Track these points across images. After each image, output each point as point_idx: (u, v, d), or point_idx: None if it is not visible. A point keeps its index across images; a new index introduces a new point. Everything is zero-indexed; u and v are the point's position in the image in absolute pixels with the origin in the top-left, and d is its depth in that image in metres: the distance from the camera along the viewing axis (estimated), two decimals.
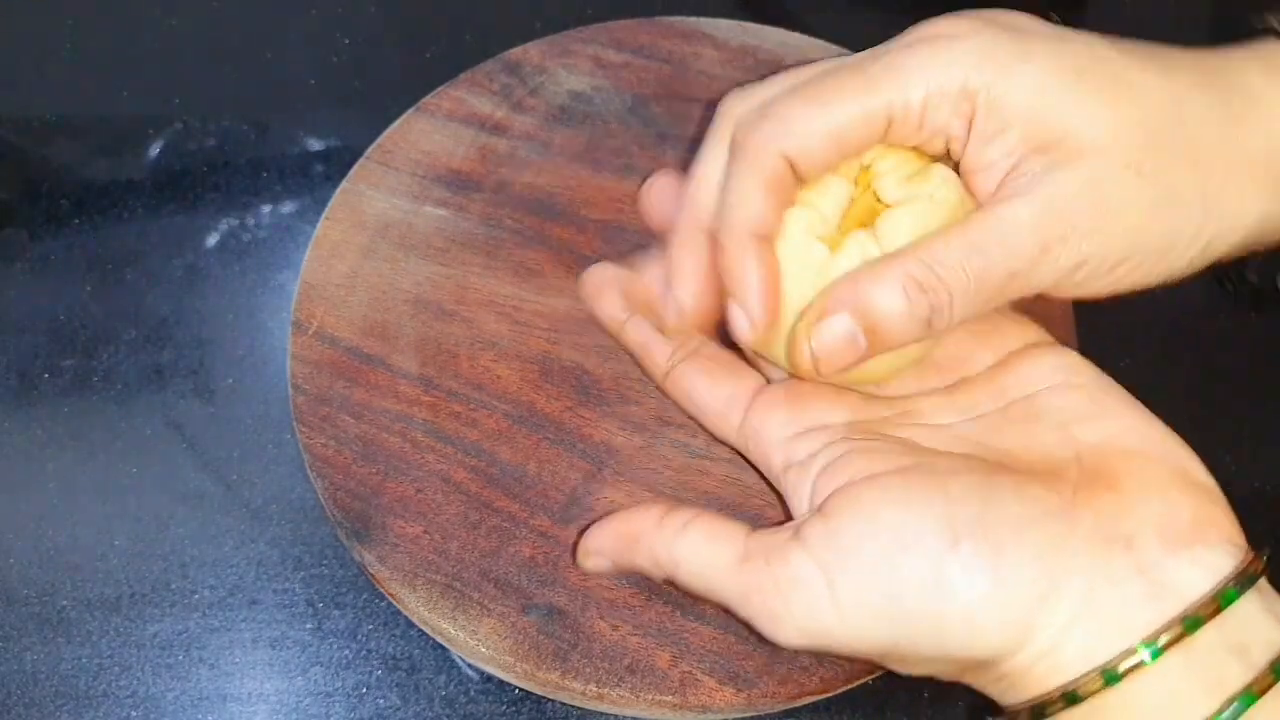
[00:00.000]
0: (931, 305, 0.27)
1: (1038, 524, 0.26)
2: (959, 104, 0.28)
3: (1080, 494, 0.26)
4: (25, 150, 0.48)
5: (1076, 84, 0.27)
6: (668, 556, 0.29)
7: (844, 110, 0.28)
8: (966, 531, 0.26)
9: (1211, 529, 0.26)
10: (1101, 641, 0.25)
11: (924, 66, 0.28)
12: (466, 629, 0.33)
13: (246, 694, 0.36)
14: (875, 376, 0.31)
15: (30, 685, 0.36)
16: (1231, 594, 0.25)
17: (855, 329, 0.28)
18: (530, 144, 0.42)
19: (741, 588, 0.28)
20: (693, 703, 0.32)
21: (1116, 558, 0.25)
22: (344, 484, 0.35)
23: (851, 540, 0.26)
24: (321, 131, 0.48)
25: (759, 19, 0.46)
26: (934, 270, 0.27)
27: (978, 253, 0.27)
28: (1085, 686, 0.25)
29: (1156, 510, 0.26)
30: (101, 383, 0.41)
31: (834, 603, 0.26)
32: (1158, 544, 0.25)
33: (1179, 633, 0.24)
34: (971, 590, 0.25)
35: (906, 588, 0.26)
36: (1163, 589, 0.25)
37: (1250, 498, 0.41)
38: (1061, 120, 0.27)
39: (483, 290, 0.39)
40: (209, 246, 0.45)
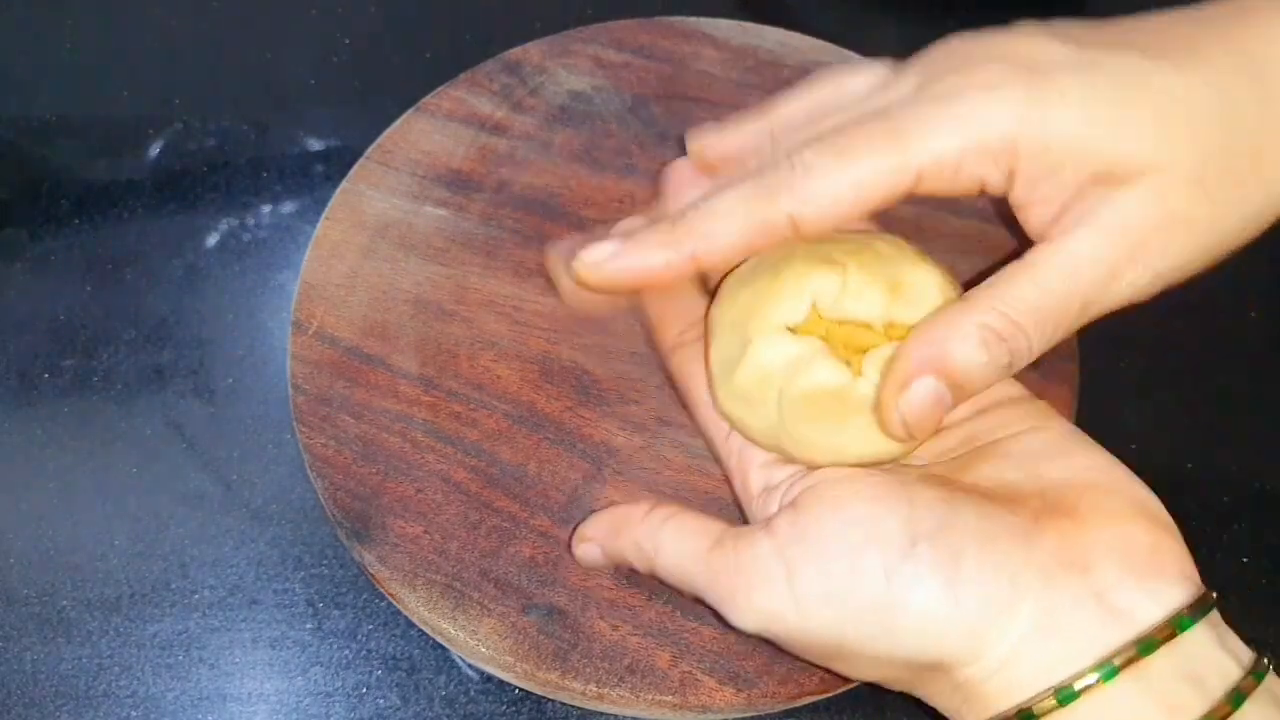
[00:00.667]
0: (1011, 350, 0.27)
1: (998, 539, 0.26)
2: (999, 156, 0.27)
3: (1042, 519, 0.27)
4: (25, 150, 0.48)
5: (1119, 111, 0.27)
6: (650, 544, 0.30)
7: (873, 167, 0.27)
8: (926, 535, 0.26)
9: (1168, 562, 0.26)
10: (1057, 661, 0.25)
11: (959, 120, 0.27)
12: (466, 629, 0.33)
13: (246, 694, 0.36)
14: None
15: (30, 685, 0.36)
16: (1186, 621, 0.25)
17: (941, 389, 0.27)
18: (530, 144, 0.42)
19: (709, 572, 0.29)
20: (693, 703, 0.32)
21: (1074, 580, 0.26)
22: (344, 484, 0.35)
23: (814, 532, 0.27)
24: (321, 131, 0.48)
25: (759, 19, 0.46)
26: (1009, 317, 0.27)
27: (1048, 292, 0.27)
28: (1040, 705, 0.25)
29: (1115, 540, 0.26)
30: (101, 383, 0.41)
31: (790, 592, 0.27)
32: (1115, 571, 0.26)
33: (1133, 655, 0.25)
34: (925, 592, 0.26)
35: (861, 583, 0.26)
36: (1118, 614, 0.25)
37: (1251, 497, 0.41)
38: (1112, 150, 0.27)
39: (483, 290, 0.39)
40: (209, 246, 0.45)
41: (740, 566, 0.28)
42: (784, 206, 0.28)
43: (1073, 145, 0.27)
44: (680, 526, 0.30)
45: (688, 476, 0.36)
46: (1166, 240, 0.27)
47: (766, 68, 0.44)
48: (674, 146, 0.42)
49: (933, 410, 0.27)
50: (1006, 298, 0.27)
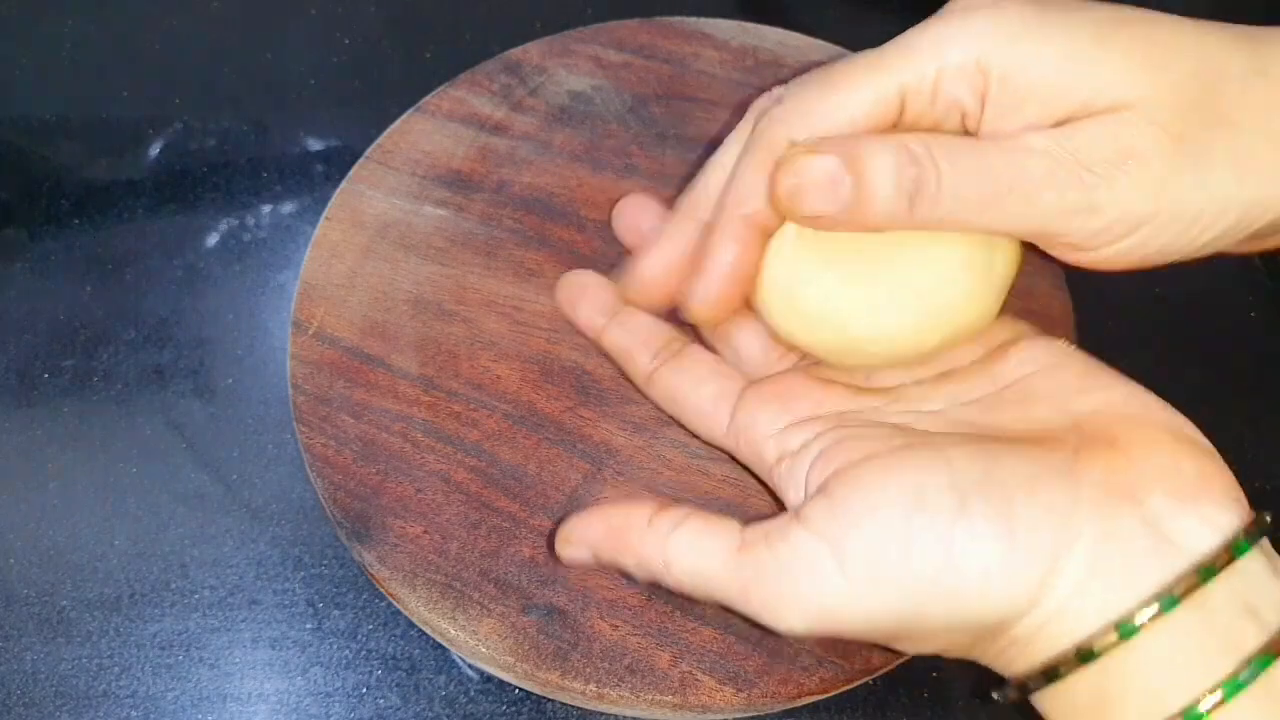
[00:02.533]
0: (917, 180, 0.27)
1: (1044, 480, 0.25)
2: (973, 79, 0.27)
3: (1083, 453, 0.26)
4: (25, 150, 0.48)
5: (1098, 48, 0.26)
6: (659, 558, 0.28)
7: (856, 92, 0.28)
8: (975, 492, 0.25)
9: (1215, 484, 0.26)
10: (1114, 598, 0.24)
11: (936, 42, 0.27)
12: (466, 629, 0.33)
13: (246, 694, 0.36)
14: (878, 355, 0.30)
15: (30, 685, 0.36)
16: (1243, 545, 0.24)
17: (841, 173, 0.27)
18: (530, 144, 0.42)
19: (740, 577, 0.27)
20: (693, 703, 0.32)
21: (1124, 512, 0.25)
22: (344, 484, 0.35)
23: (858, 511, 0.26)
24: (321, 131, 0.48)
25: (759, 19, 0.46)
26: (930, 151, 0.27)
27: (979, 155, 0.27)
28: (1100, 641, 0.24)
29: (1161, 467, 0.26)
30: (101, 383, 0.41)
31: (843, 576, 0.25)
32: (1164, 499, 0.25)
33: (1193, 582, 0.24)
34: (984, 548, 0.25)
35: (918, 552, 0.25)
36: (1171, 544, 0.25)
37: (1253, 498, 0.41)
38: (1083, 86, 0.26)
39: (483, 290, 0.39)
40: (209, 246, 0.45)
41: (781, 564, 0.26)
42: (781, 135, 0.28)
43: (1039, 76, 0.27)
44: (692, 533, 0.28)
45: (688, 476, 0.36)
46: (1115, 172, 0.26)
47: (766, 68, 0.44)
48: (674, 146, 0.42)
49: (824, 190, 0.27)
50: (940, 140, 0.27)
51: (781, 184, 0.28)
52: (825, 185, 0.27)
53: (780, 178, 0.28)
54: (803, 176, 0.27)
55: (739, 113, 0.32)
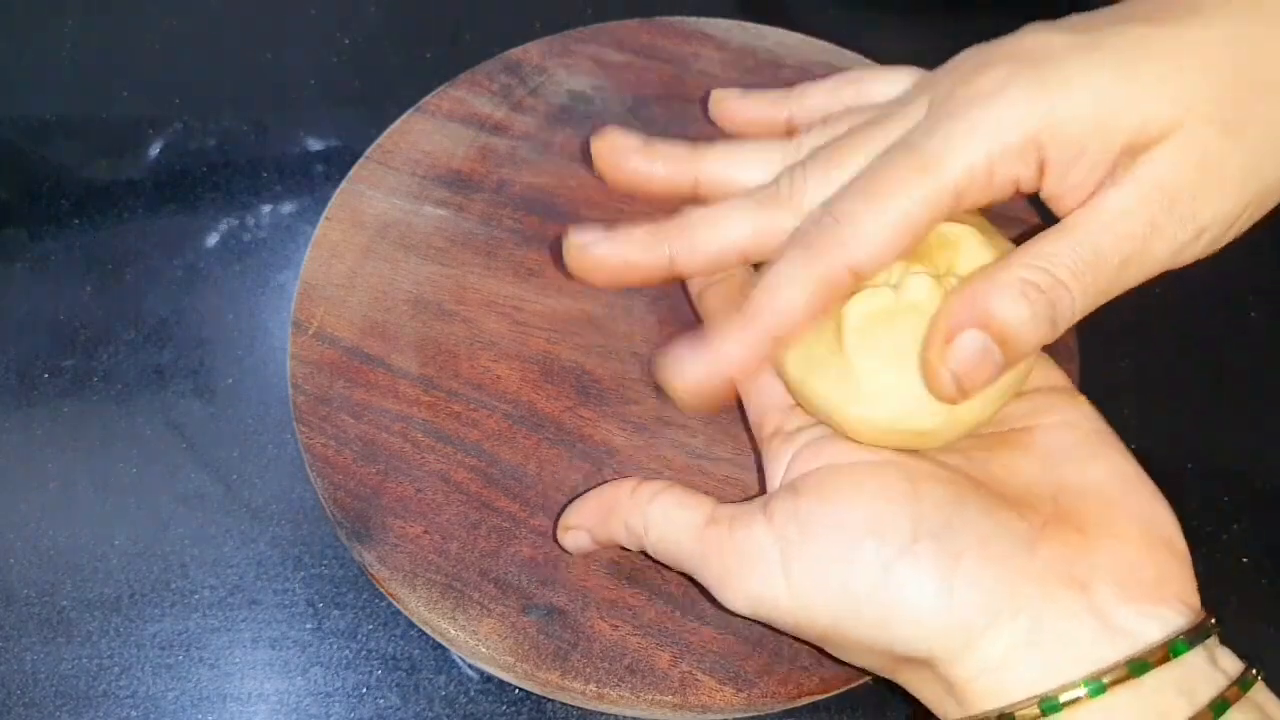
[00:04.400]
0: (1053, 304, 0.27)
1: (999, 543, 0.26)
2: (1026, 153, 0.27)
3: (1048, 529, 0.27)
4: (25, 150, 0.48)
5: (1129, 77, 0.27)
6: (639, 522, 0.30)
7: (910, 202, 0.27)
8: (927, 533, 0.26)
9: (1169, 590, 0.26)
10: (1046, 670, 0.25)
11: (978, 131, 0.27)
12: (466, 629, 0.33)
13: (246, 694, 0.36)
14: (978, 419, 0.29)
15: (30, 685, 0.36)
16: (1181, 646, 0.25)
17: (987, 341, 0.27)
18: (530, 144, 0.42)
19: (702, 550, 0.29)
20: (693, 703, 0.32)
21: (1071, 596, 0.26)
22: (344, 484, 0.35)
23: (814, 521, 0.27)
24: (321, 131, 0.48)
25: (759, 19, 0.46)
26: (1048, 271, 0.27)
27: (1084, 245, 0.27)
28: (1022, 711, 0.25)
29: (1119, 561, 0.26)
30: (101, 383, 0.41)
31: (785, 578, 0.27)
32: (1113, 593, 0.26)
33: (1123, 674, 0.25)
34: (920, 588, 0.26)
35: (858, 574, 0.26)
36: (1114, 633, 0.25)
37: (1250, 498, 0.41)
38: (1131, 118, 0.26)
39: (483, 290, 0.39)
40: (209, 246, 0.45)
41: (735, 547, 0.28)
42: (840, 261, 0.28)
43: (1090, 125, 0.27)
44: (670, 502, 0.30)
45: (688, 476, 0.35)
46: (1201, 189, 0.26)
47: (766, 68, 0.44)
48: None
49: (982, 365, 0.27)
50: (1042, 254, 0.27)
51: (945, 381, 0.27)
52: (981, 360, 0.27)
53: (937, 376, 0.27)
54: (958, 365, 0.27)
55: None
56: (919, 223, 0.27)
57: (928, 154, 0.27)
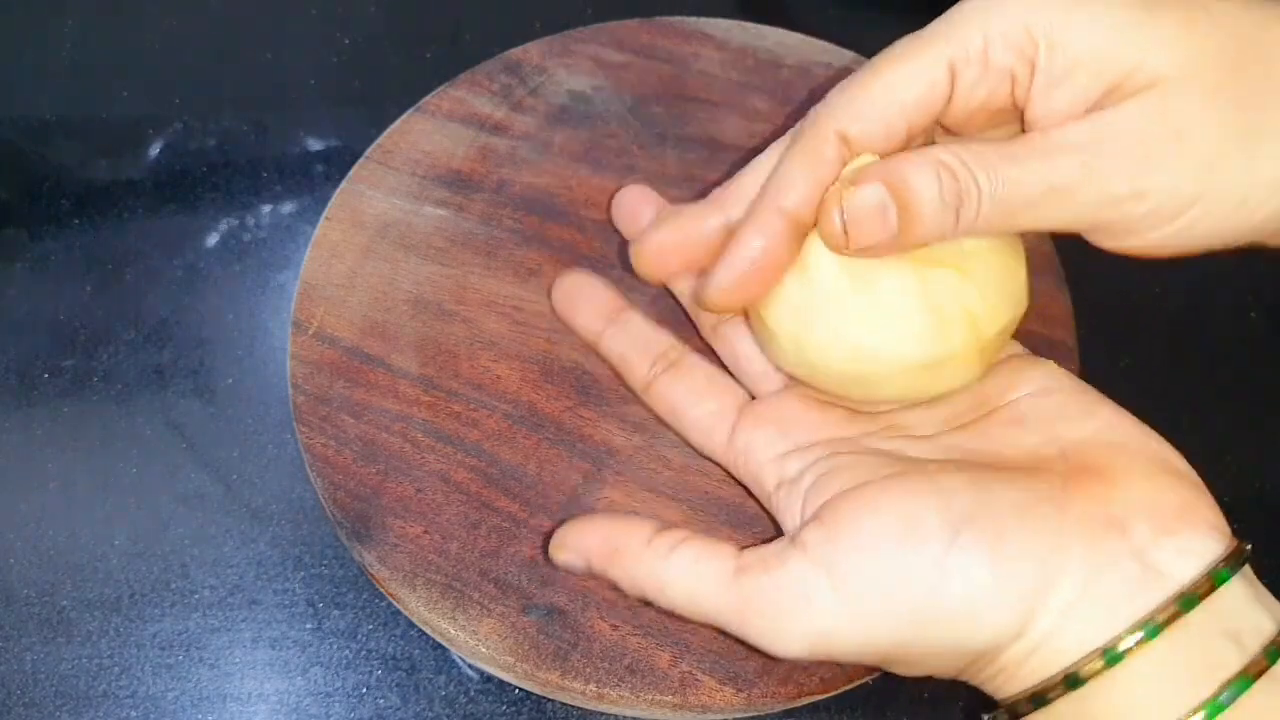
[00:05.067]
0: (960, 195, 0.26)
1: (1032, 509, 0.26)
2: (1022, 47, 0.27)
3: (1070, 483, 0.27)
4: (25, 150, 0.48)
5: (1145, 17, 0.26)
6: (652, 581, 0.28)
7: (903, 73, 0.27)
8: (964, 521, 0.26)
9: (1197, 515, 0.26)
10: (1099, 626, 0.25)
11: (983, 11, 0.27)
12: (466, 629, 0.33)
13: (246, 694, 0.36)
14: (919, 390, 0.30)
15: (30, 685, 0.36)
16: (1224, 574, 0.25)
17: (887, 200, 0.26)
18: (530, 144, 0.42)
19: (738, 601, 0.27)
20: (693, 703, 0.32)
21: (1111, 542, 0.25)
22: (344, 484, 0.35)
23: (852, 539, 0.26)
24: (321, 131, 0.48)
25: (759, 19, 0.46)
26: (967, 164, 0.26)
27: (1014, 161, 0.26)
28: (1087, 668, 0.25)
29: (1145, 497, 0.26)
30: (101, 383, 0.41)
31: (839, 601, 0.26)
32: (1148, 529, 0.26)
33: (1175, 611, 0.24)
34: (975, 577, 0.25)
35: (911, 579, 0.26)
36: (1155, 573, 0.25)
37: (1251, 497, 0.41)
38: (1130, 54, 0.26)
39: (483, 290, 0.39)
40: (209, 246, 0.45)
41: (778, 589, 0.27)
42: (828, 127, 0.28)
43: (1087, 46, 0.26)
44: (689, 557, 0.28)
45: (688, 476, 0.35)
46: (1162, 156, 0.26)
47: (766, 68, 0.44)
48: (674, 146, 0.42)
49: (875, 220, 0.27)
50: (972, 151, 0.27)
51: (832, 221, 0.27)
52: (875, 214, 0.27)
53: (828, 215, 0.27)
54: (851, 210, 0.27)
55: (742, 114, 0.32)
56: (912, 92, 0.27)
57: (931, 29, 0.28)
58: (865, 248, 0.27)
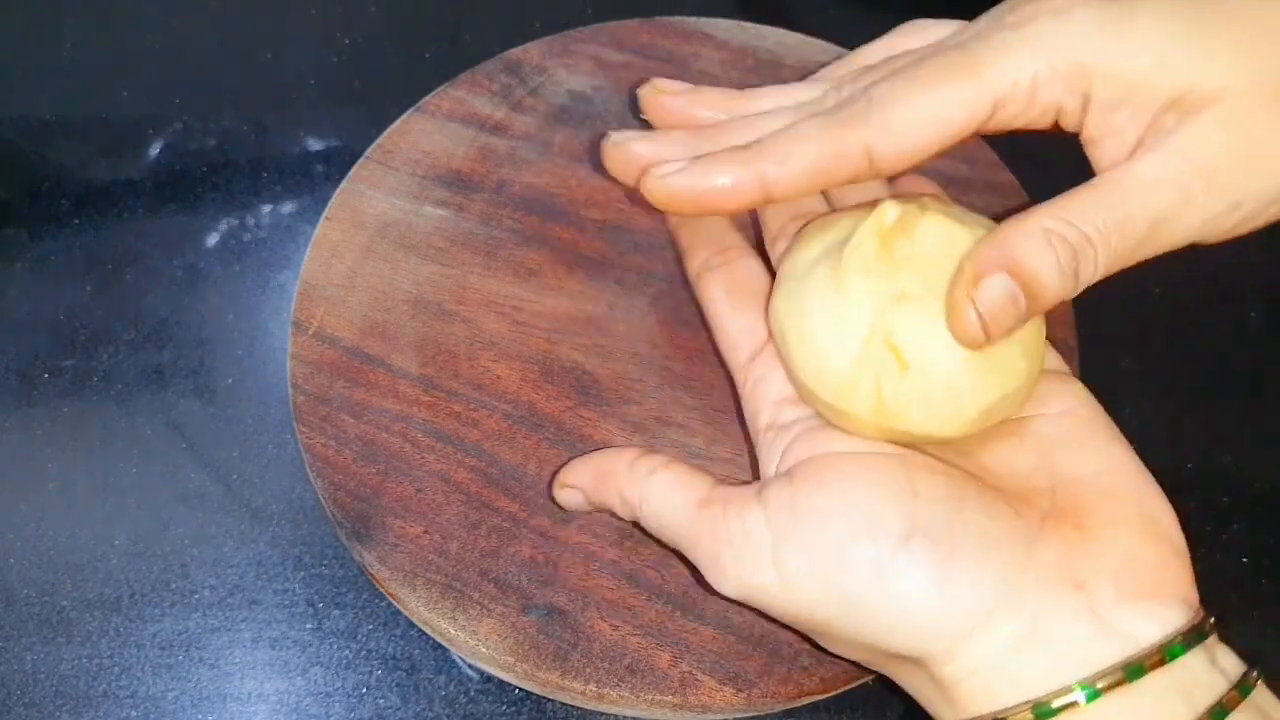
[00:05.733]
0: (1077, 257, 0.26)
1: (997, 542, 0.26)
2: (1073, 80, 0.27)
3: (1047, 525, 0.26)
4: (25, 150, 0.48)
5: (1195, 34, 0.26)
6: (636, 495, 0.30)
7: (948, 100, 0.27)
8: (923, 530, 0.26)
9: (1166, 585, 0.26)
10: (1040, 674, 0.25)
11: (1032, 44, 0.27)
12: (466, 629, 0.33)
13: (246, 694, 0.36)
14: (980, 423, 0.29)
15: (30, 685, 0.36)
16: (1178, 649, 0.25)
17: (1014, 286, 0.26)
18: (530, 144, 0.42)
19: (694, 531, 0.28)
20: (693, 703, 0.32)
21: (1069, 596, 0.25)
22: (344, 484, 0.35)
23: (808, 511, 0.27)
24: (321, 131, 0.48)
25: (759, 19, 0.46)
26: (1073, 224, 0.26)
27: (1112, 205, 0.26)
28: (1015, 717, 0.25)
29: (1118, 558, 0.26)
30: (101, 383, 0.41)
31: (776, 567, 0.27)
32: (1112, 591, 0.25)
33: (1119, 679, 0.24)
34: (912, 588, 0.25)
35: (850, 569, 0.26)
36: (1111, 633, 0.25)
37: (1250, 498, 0.41)
38: (1185, 74, 0.26)
39: (483, 290, 0.39)
40: (209, 246, 0.45)
41: (727, 531, 0.28)
42: (860, 137, 0.28)
43: (1147, 69, 0.26)
44: (668, 479, 0.30)
45: None
46: (1242, 164, 0.26)
47: (766, 68, 0.44)
48: None
49: (1008, 309, 0.26)
50: (1072, 209, 0.26)
51: (969, 320, 0.26)
52: (1008, 305, 0.26)
53: (963, 315, 0.26)
54: (984, 306, 0.26)
55: None
56: (951, 121, 0.27)
57: (977, 55, 0.27)
58: (1003, 335, 0.27)
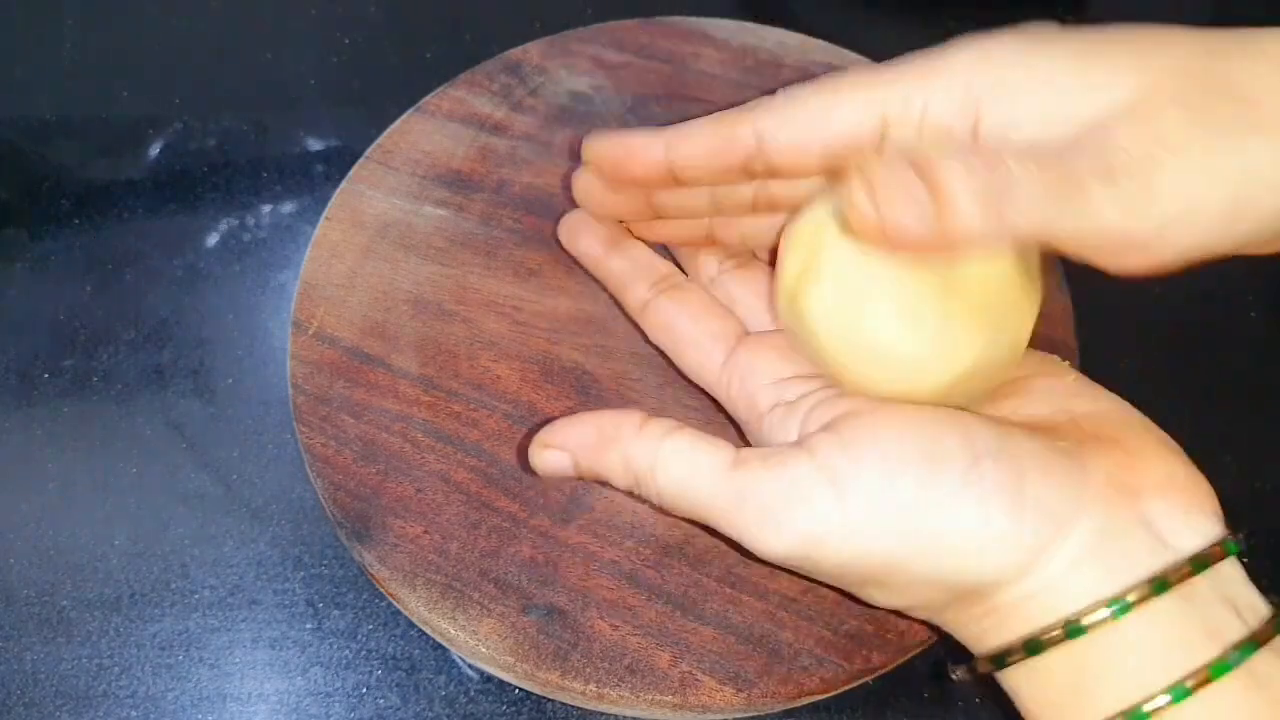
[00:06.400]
0: (994, 184, 0.24)
1: (1054, 462, 0.26)
2: (963, 107, 0.27)
3: (1088, 446, 0.27)
4: (25, 150, 0.48)
5: (1088, 57, 0.26)
6: (647, 461, 0.27)
7: (841, 105, 0.28)
8: (987, 454, 0.25)
9: (1202, 495, 0.27)
10: (1105, 579, 0.25)
11: (923, 72, 0.27)
12: (466, 629, 0.33)
13: (246, 694, 0.36)
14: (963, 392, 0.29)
15: (30, 685, 0.36)
16: (1233, 546, 0.26)
17: (919, 187, 0.24)
18: (530, 144, 0.42)
19: (731, 493, 0.26)
20: (693, 703, 0.32)
21: (1126, 506, 0.26)
22: (344, 484, 0.35)
23: (869, 450, 0.26)
24: (321, 131, 0.48)
25: (759, 19, 0.46)
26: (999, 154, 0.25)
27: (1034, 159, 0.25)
28: (1090, 617, 0.25)
29: (1158, 471, 0.27)
30: (101, 383, 0.41)
31: (841, 508, 0.25)
32: (1161, 501, 0.26)
33: (1187, 571, 0.25)
34: (989, 510, 0.25)
35: (920, 502, 0.25)
36: (1162, 542, 0.25)
37: (1250, 497, 0.41)
38: (1076, 94, 0.25)
39: (483, 290, 0.39)
40: (209, 246, 0.45)
41: (775, 485, 0.26)
42: (753, 123, 0.29)
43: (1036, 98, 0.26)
44: (688, 442, 0.27)
45: None
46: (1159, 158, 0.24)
47: (766, 68, 0.44)
48: None
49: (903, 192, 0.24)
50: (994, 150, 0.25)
51: (863, 202, 0.25)
52: (903, 189, 0.24)
53: (855, 195, 0.25)
54: (887, 187, 0.24)
55: None
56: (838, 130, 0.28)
57: (884, 73, 0.28)
58: (903, 236, 0.25)
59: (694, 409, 0.37)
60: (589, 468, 0.29)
